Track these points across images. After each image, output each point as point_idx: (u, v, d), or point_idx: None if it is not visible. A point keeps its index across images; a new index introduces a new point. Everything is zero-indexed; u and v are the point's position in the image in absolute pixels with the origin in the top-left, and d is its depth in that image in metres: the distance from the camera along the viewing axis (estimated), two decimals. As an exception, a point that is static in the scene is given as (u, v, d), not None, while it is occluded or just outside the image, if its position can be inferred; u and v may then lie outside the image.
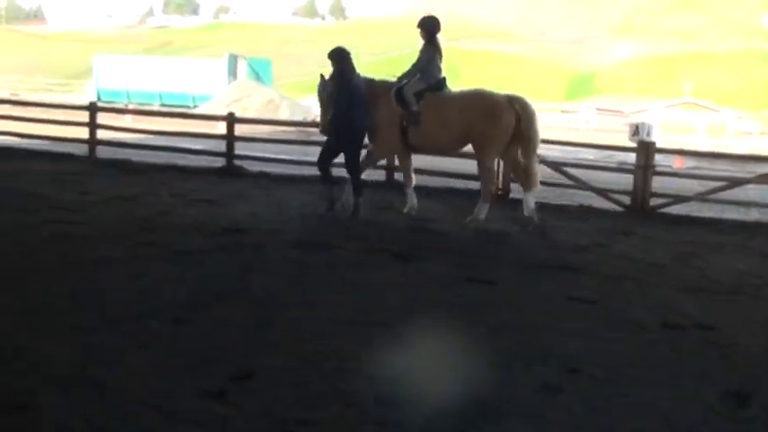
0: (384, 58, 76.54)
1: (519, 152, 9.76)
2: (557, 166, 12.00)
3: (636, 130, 12.38)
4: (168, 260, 7.13)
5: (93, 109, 14.66)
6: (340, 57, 9.51)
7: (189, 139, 14.87)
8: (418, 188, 10.46)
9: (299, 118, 29.01)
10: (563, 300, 6.54)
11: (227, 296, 6.11)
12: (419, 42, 10.01)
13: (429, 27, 9.89)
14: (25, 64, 48.45)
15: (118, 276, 6.48)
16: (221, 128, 13.98)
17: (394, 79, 9.98)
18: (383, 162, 12.35)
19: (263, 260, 7.36)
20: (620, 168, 13.46)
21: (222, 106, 29.29)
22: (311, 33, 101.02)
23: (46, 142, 14.72)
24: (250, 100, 33.47)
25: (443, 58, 9.90)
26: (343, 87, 9.37)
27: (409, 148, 10.03)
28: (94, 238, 7.95)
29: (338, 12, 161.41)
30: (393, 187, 12.11)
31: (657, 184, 11.67)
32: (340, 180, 10.00)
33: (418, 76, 9.72)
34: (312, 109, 37.23)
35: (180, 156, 14.24)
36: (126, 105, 33.47)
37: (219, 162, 13.73)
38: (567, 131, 33.26)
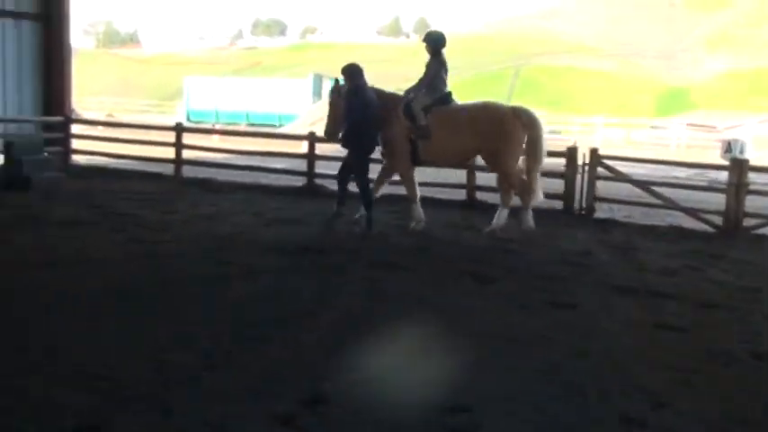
0: (471, 75, 76.21)
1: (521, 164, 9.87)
2: (644, 185, 11.62)
3: (728, 147, 11.90)
4: (247, 279, 7.16)
5: (179, 129, 14.99)
6: (355, 72, 9.64)
7: (272, 158, 15.05)
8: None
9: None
10: (649, 327, 6.25)
11: (303, 317, 6.07)
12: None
13: (434, 42, 10.02)
14: (121, 85, 50.27)
15: (196, 295, 6.53)
16: (305, 147, 14.08)
17: (401, 93, 10.13)
18: (463, 180, 12.26)
19: (341, 281, 7.31)
20: (711, 187, 12.92)
21: (306, 125, 29.62)
22: (395, 52, 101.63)
23: (137, 162, 15.15)
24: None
25: (448, 72, 10.08)
26: (359, 102, 9.50)
27: (418, 162, 10.08)
28: (175, 256, 8.06)
29: (423, 29, 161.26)
30: (475, 207, 11.95)
31: (751, 203, 11.13)
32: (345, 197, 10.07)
33: (424, 90, 9.84)
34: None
35: (263, 175, 14.43)
36: (213, 125, 34.25)
37: (301, 181, 13.82)
38: (656, 148, 32.38)
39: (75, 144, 15.92)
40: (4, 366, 4.75)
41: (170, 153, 14.91)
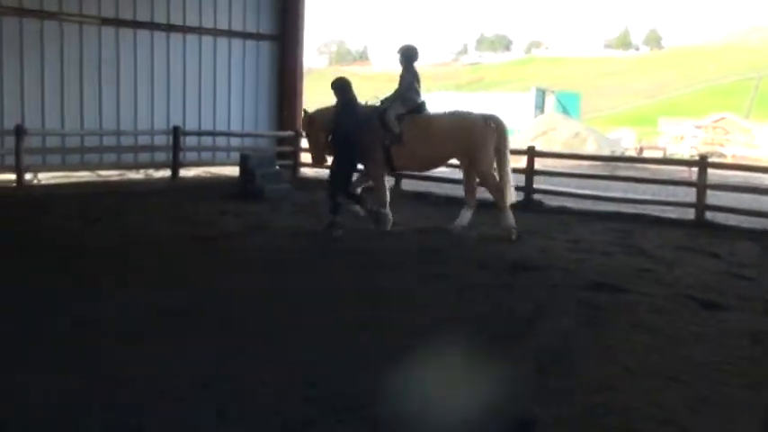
0: (704, 87, 71.92)
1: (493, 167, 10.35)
2: None
3: None
4: (455, 294, 7.10)
5: (400, 143, 15.29)
6: (346, 87, 10.13)
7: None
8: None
9: (606, 152, 28.12)
10: None
11: (511, 336, 5.90)
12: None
13: (407, 55, 10.56)
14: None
15: (405, 308, 6.56)
16: (523, 162, 13.88)
17: (377, 103, 10.69)
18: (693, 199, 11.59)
19: (552, 300, 7.04)
20: None
21: (528, 140, 29.30)
22: (624, 65, 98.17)
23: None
24: (556, 133, 33.14)
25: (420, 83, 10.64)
26: (351, 115, 9.99)
27: (393, 168, 10.76)
28: (387, 268, 8.16)
29: (653, 41, 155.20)
30: (703, 227, 11.18)
31: None
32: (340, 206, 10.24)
33: (399, 101, 10.40)
34: (621, 142, 35.98)
35: (479, 190, 14.35)
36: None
37: (519, 196, 13.59)
38: None
39: (305, 157, 16.72)
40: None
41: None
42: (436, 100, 45.06)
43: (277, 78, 18.42)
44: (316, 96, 40.65)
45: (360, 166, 10.86)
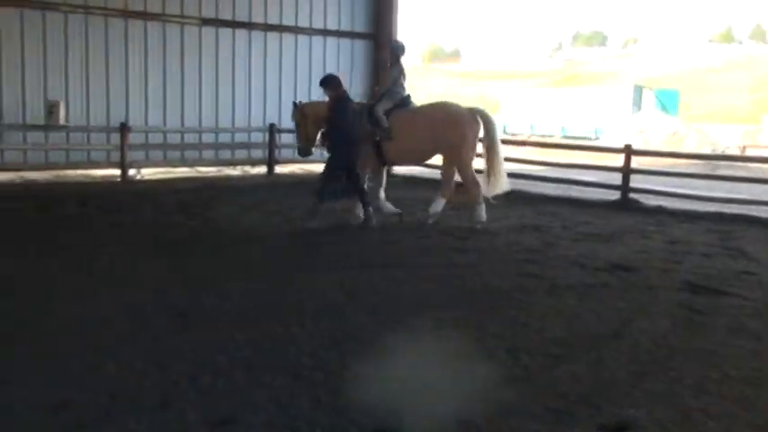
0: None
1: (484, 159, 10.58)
2: None
3: None
4: (549, 294, 7.02)
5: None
6: (336, 83, 10.16)
7: (584, 171, 14.72)
8: None
9: (706, 150, 27.23)
10: None
11: (605, 336, 5.79)
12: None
13: (394, 51, 10.80)
14: (443, 98, 52.78)
15: (494, 307, 6.53)
16: (621, 160, 13.60)
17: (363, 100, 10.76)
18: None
19: (648, 301, 6.88)
20: None
21: (624, 138, 28.63)
22: (726, 61, 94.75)
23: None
24: (653, 131, 32.25)
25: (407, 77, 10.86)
26: (344, 110, 10.02)
27: (383, 163, 10.83)
28: (476, 266, 8.13)
29: (758, 36, 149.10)
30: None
31: None
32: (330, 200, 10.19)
33: (385, 96, 10.55)
34: (722, 140, 34.77)
35: (575, 188, 14.18)
36: (528, 137, 34.36)
37: (615, 195, 13.36)
38: None
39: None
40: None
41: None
42: (532, 97, 44.54)
43: (370, 76, 18.58)
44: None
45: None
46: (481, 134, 10.64)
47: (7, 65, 14.02)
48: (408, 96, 10.82)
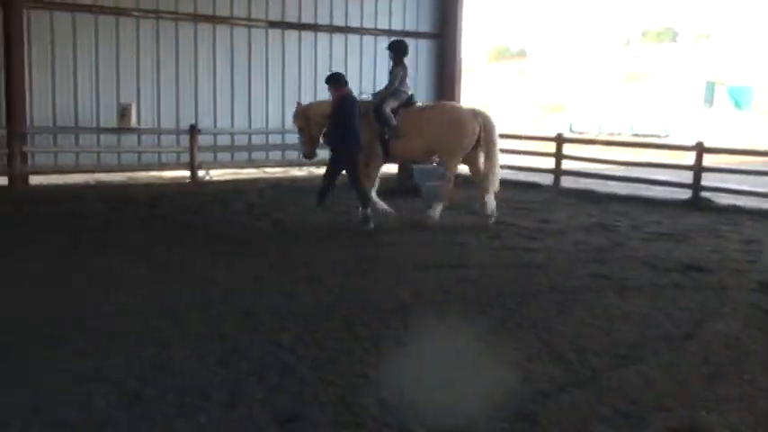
0: None
1: (481, 158, 10.67)
2: None
3: None
4: (619, 295, 6.90)
5: (559, 140, 15.05)
6: (342, 80, 10.04)
7: (654, 169, 14.44)
8: None
9: (782, 147, 26.33)
10: None
11: (676, 338, 5.67)
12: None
13: (397, 51, 10.91)
14: (510, 97, 52.10)
15: (562, 307, 6.45)
16: (692, 158, 13.28)
17: (367, 98, 10.88)
18: None
19: (720, 302, 6.70)
20: None
21: (695, 135, 27.95)
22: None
23: (516, 172, 15.52)
24: (726, 128, 31.41)
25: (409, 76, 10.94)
26: (347, 109, 9.87)
27: (388, 159, 11.01)
28: (545, 266, 8.05)
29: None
30: None
31: None
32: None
33: (391, 95, 10.60)
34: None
35: (645, 187, 13.91)
36: (596, 136, 33.82)
37: (686, 194, 13.06)
38: None
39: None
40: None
41: (550, 163, 15.06)
42: (599, 95, 43.81)
43: (435, 76, 18.54)
44: (476, 92, 40.65)
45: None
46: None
47: (82, 70, 14.43)
48: (412, 96, 10.97)
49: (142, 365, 4.80)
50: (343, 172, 10.13)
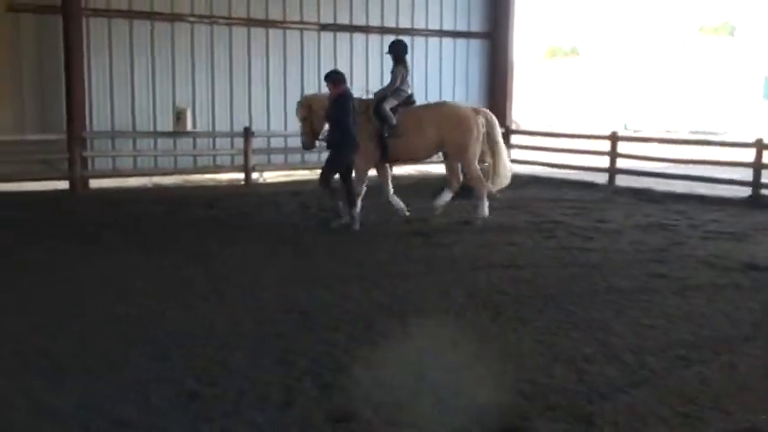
0: None
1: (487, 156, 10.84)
2: None
3: None
4: (677, 295, 6.78)
5: (614, 138, 14.85)
6: (341, 78, 9.96)
7: (712, 167, 14.15)
8: None
9: None
10: None
11: (736, 339, 5.56)
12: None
13: (397, 51, 10.76)
14: (562, 96, 51.65)
15: (619, 307, 6.36)
16: (752, 155, 12.97)
17: (370, 97, 10.84)
18: None
19: (784, 303, 6.55)
20: None
21: (754, 131, 27.29)
22: None
23: (570, 171, 15.38)
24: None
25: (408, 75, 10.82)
26: (347, 107, 9.82)
27: (388, 160, 10.74)
28: (601, 266, 7.95)
29: None
30: None
31: None
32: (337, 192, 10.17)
33: (392, 94, 10.50)
34: None
35: (702, 185, 13.64)
36: (652, 134, 33.24)
37: (745, 192, 12.76)
38: None
39: (515, 154, 16.62)
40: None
41: (604, 162, 14.88)
42: (655, 92, 43.07)
43: (487, 76, 18.47)
44: (528, 92, 40.35)
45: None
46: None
47: (139, 75, 14.72)
48: (412, 95, 10.90)
49: (200, 365, 4.88)
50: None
